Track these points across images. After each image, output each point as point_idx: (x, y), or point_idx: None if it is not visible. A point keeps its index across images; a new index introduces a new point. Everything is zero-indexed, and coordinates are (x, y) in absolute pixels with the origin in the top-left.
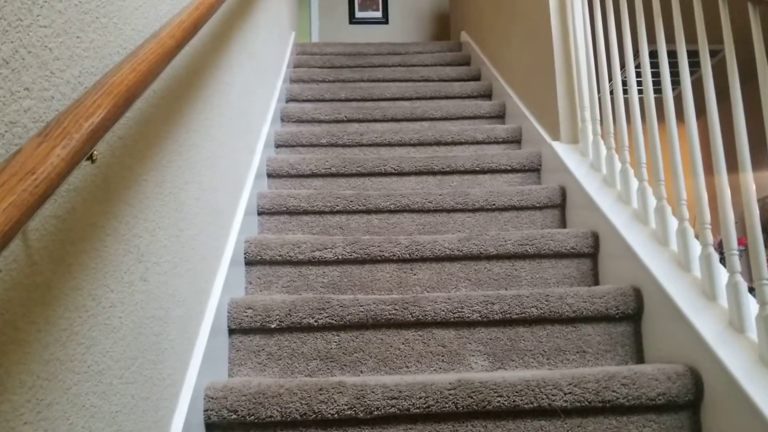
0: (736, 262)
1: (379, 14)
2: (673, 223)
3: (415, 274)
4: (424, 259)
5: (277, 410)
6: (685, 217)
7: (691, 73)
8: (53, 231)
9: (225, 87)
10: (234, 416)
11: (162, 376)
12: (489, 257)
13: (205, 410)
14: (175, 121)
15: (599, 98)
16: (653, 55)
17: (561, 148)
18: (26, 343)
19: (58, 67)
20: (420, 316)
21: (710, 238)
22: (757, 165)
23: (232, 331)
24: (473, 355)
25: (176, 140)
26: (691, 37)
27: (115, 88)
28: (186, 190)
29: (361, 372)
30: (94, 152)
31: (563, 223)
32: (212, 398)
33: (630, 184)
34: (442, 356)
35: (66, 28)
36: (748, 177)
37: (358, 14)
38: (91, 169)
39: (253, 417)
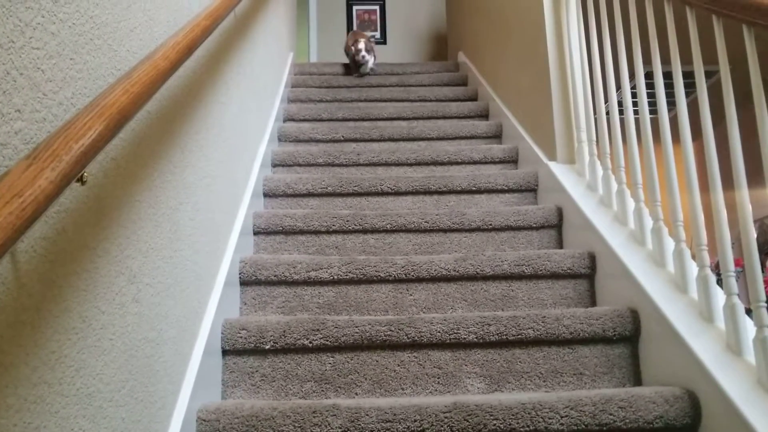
0: (734, 284)
1: (377, 35)
2: (670, 244)
3: (411, 295)
4: (420, 280)
5: None
6: (682, 239)
7: (688, 94)
8: (43, 253)
9: (221, 107)
10: None
11: (153, 398)
12: (485, 278)
13: None
14: (170, 141)
15: (595, 119)
16: (649, 76)
17: (557, 169)
18: (13, 366)
19: (51, 89)
20: (415, 338)
21: (707, 260)
22: (754, 185)
23: (225, 352)
24: (469, 377)
25: (171, 160)
26: (687, 59)
27: (106, 110)
28: (180, 211)
29: (356, 394)
30: (85, 173)
31: (560, 244)
32: (204, 420)
33: (626, 205)
34: (438, 378)
35: (59, 50)
36: (744, 198)
37: None
38: (82, 190)
39: None
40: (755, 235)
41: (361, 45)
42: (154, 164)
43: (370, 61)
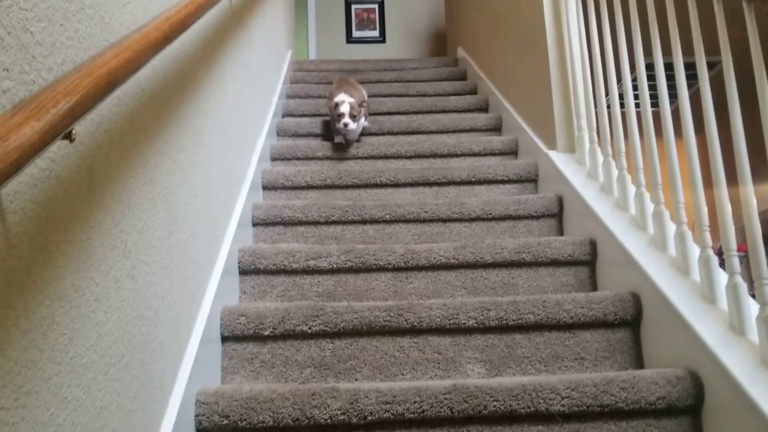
0: (736, 263)
1: (376, 33)
2: (671, 228)
3: (410, 283)
4: (419, 268)
5: (270, 415)
6: (683, 221)
7: (690, 85)
8: (33, 216)
9: (218, 95)
10: (225, 421)
11: (150, 377)
12: (485, 265)
13: (196, 415)
14: (166, 123)
15: (595, 106)
16: (650, 67)
17: (558, 158)
18: (2, 327)
19: (40, 53)
20: (415, 323)
21: (709, 241)
22: (756, 179)
23: (225, 339)
24: (469, 362)
25: (166, 142)
26: (689, 49)
27: (95, 70)
28: (177, 193)
29: (356, 379)
30: (73, 131)
31: (560, 233)
32: (203, 403)
33: (627, 191)
34: (438, 363)
35: (48, 14)
36: (745, 171)
37: (356, 33)
38: (74, 159)
39: (245, 422)
40: (757, 211)
41: (344, 108)
42: (149, 143)
43: (357, 127)
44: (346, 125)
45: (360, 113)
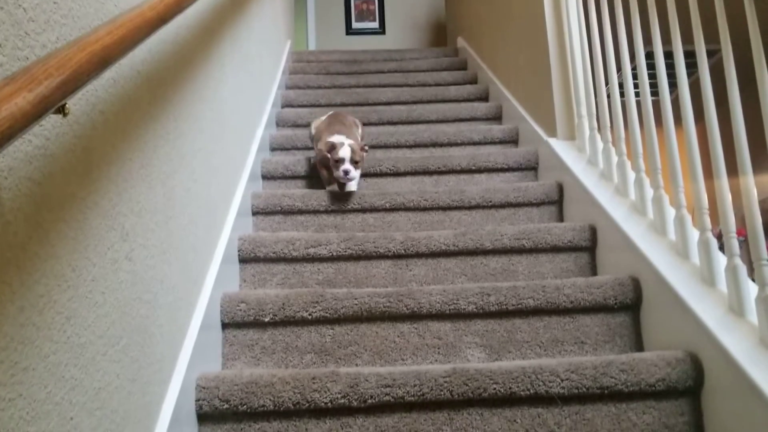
0: (735, 245)
1: (375, 25)
2: (671, 213)
3: (410, 270)
4: (419, 255)
5: (270, 399)
6: (683, 205)
7: (690, 74)
8: (28, 193)
9: (216, 83)
10: (226, 406)
11: (150, 360)
12: (485, 252)
13: (197, 400)
14: (163, 107)
15: (595, 95)
16: (650, 56)
17: (558, 145)
18: None
19: (33, 29)
20: (415, 309)
21: (708, 224)
22: (757, 166)
23: (225, 326)
24: (469, 347)
25: (164, 126)
26: (688, 37)
27: (89, 45)
28: (174, 178)
29: (356, 365)
30: (66, 105)
31: (560, 220)
32: (204, 388)
33: (627, 177)
34: (438, 349)
35: None
36: (744, 151)
37: (355, 25)
38: (70, 138)
39: (245, 407)
40: (755, 192)
41: (344, 153)
42: (146, 126)
43: (357, 176)
44: (347, 173)
45: (363, 158)
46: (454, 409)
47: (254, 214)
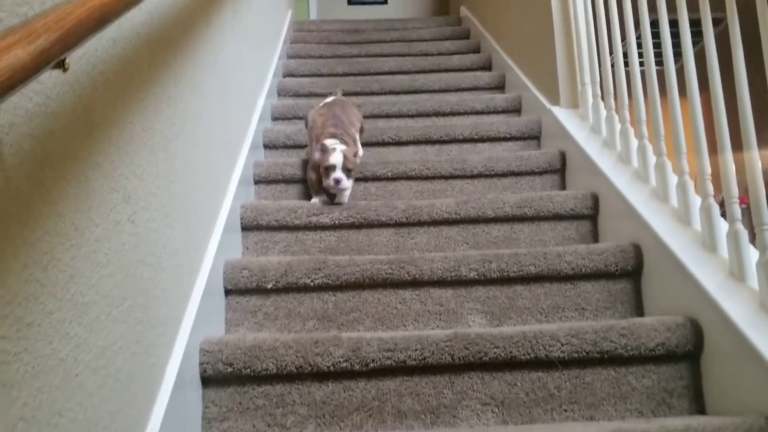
0: (737, 210)
1: None
2: (674, 180)
3: (412, 238)
4: (421, 223)
5: (273, 363)
6: (685, 171)
7: (695, 43)
8: (29, 150)
9: (217, 49)
10: (230, 369)
11: (154, 323)
12: (487, 220)
13: (201, 363)
14: (163, 71)
15: (599, 62)
16: (655, 25)
17: (561, 113)
18: (1, 257)
19: None
20: (416, 276)
21: (711, 189)
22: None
23: (228, 292)
24: (471, 314)
25: (164, 90)
26: (694, 5)
27: (89, 1)
28: (176, 143)
29: (359, 331)
30: (66, 60)
31: (563, 188)
32: (207, 351)
33: (630, 144)
34: (440, 315)
35: None
36: (747, 114)
37: None
38: (70, 98)
39: (248, 370)
40: (758, 154)
41: (336, 159)
42: (146, 90)
43: (350, 186)
44: (338, 182)
45: (357, 166)
46: (455, 372)
47: (256, 182)
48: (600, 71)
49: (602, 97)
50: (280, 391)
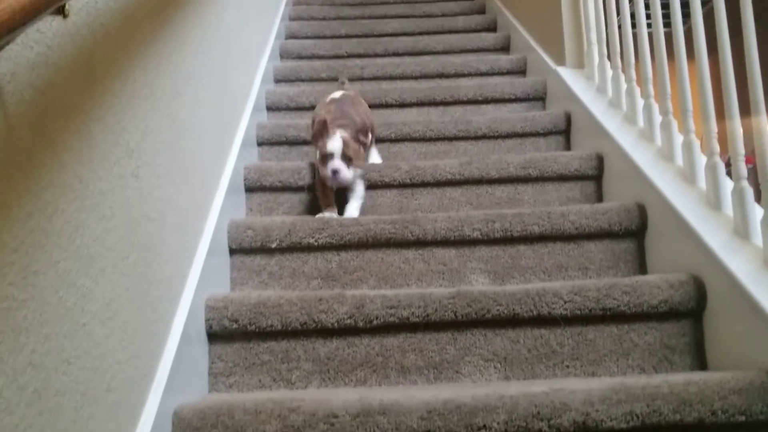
0: (743, 168)
1: None
2: (679, 139)
3: (416, 200)
4: (425, 184)
5: (278, 320)
6: (692, 129)
7: (704, 3)
8: (31, 100)
9: (218, 8)
10: (235, 326)
11: (159, 278)
12: (491, 181)
13: (206, 320)
14: (164, 28)
15: (606, 23)
16: None
17: (567, 74)
18: (6, 205)
19: None
20: (420, 235)
21: (716, 147)
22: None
23: (233, 251)
24: (474, 273)
25: (166, 46)
26: None
27: None
28: (178, 101)
29: (362, 290)
30: (66, 6)
31: (567, 150)
32: (213, 308)
33: (636, 104)
34: (443, 274)
35: None
36: (754, 64)
37: None
38: (71, 49)
39: (254, 326)
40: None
41: (334, 145)
42: (147, 45)
43: (350, 178)
44: (335, 172)
45: (360, 153)
46: (458, 329)
47: (259, 144)
48: (606, 31)
49: (608, 57)
50: (285, 347)
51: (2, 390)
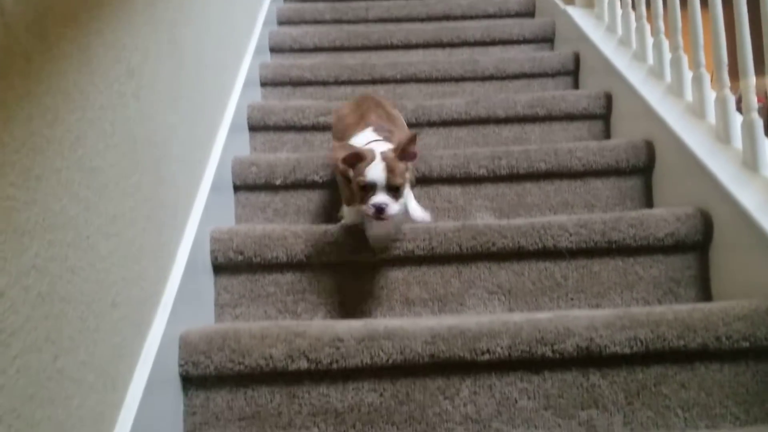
0: (753, 100)
1: None
2: (689, 74)
3: (422, 140)
4: (430, 124)
5: (283, 252)
6: (702, 64)
7: None
8: (27, 2)
9: None
10: (240, 257)
11: (163, 203)
12: (498, 121)
13: (212, 251)
14: None
15: None
16: None
17: (576, 13)
18: (5, 105)
19: None
20: (425, 172)
21: (727, 80)
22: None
23: (237, 188)
24: (479, 211)
25: None
26: None
27: None
28: (180, 29)
29: None
30: None
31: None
32: (218, 240)
33: (646, 40)
34: (448, 212)
35: None
36: None
37: None
38: None
39: (259, 258)
40: None
41: (376, 174)
42: None
43: (400, 211)
44: (381, 210)
45: (406, 177)
46: (463, 262)
47: (263, 84)
48: None
49: None
50: (290, 279)
51: (6, 289)
